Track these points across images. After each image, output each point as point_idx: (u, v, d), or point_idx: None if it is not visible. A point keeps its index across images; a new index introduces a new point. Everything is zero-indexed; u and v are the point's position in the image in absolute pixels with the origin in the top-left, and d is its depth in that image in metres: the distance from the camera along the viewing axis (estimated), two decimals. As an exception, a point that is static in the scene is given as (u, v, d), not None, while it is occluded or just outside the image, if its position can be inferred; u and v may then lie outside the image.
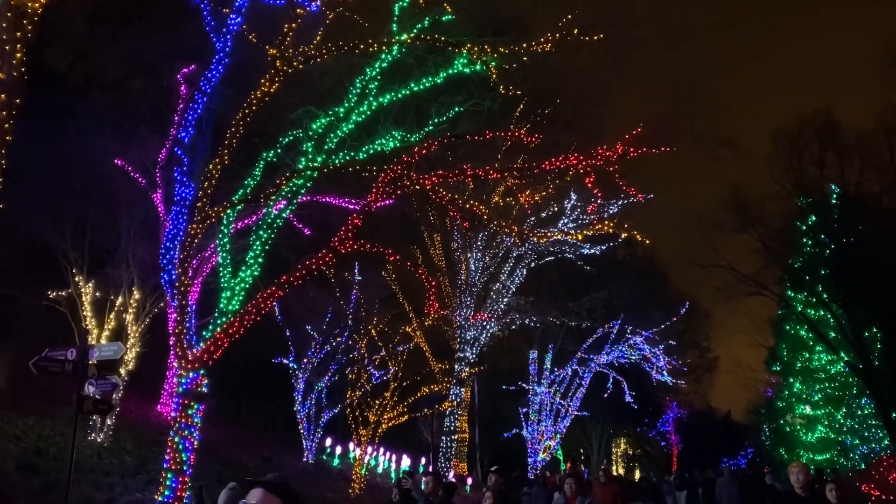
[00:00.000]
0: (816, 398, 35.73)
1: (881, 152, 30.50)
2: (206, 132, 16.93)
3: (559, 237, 22.76)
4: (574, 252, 26.75)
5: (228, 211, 13.40)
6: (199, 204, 13.09)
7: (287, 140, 14.65)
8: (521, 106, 21.14)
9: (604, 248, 27.14)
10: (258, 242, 13.56)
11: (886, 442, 29.62)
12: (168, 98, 17.58)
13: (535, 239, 22.62)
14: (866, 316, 30.00)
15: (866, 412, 32.89)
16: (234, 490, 7.07)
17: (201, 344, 12.63)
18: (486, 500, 6.59)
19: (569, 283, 31.96)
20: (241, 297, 13.20)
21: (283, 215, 14.15)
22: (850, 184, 32.07)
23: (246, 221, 16.99)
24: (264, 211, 14.07)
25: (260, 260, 13.50)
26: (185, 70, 17.15)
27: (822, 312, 32.77)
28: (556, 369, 31.56)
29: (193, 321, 13.75)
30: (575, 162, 14.36)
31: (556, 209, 25.92)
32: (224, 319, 12.72)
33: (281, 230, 14.40)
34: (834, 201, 32.54)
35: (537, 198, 21.49)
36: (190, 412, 12.22)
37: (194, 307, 15.18)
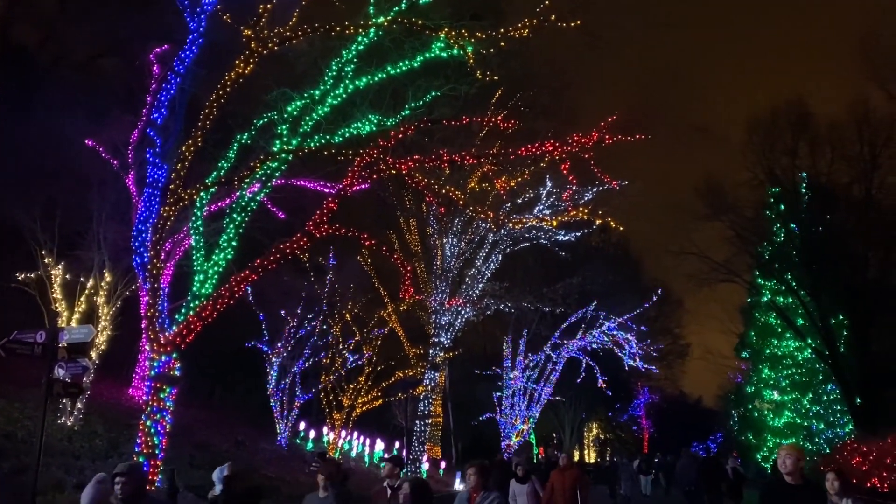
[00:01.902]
0: (784, 384, 36.44)
1: (851, 143, 31.02)
2: (179, 113, 16.68)
3: (534, 223, 22.88)
4: (549, 238, 26.87)
5: (202, 193, 13.29)
6: (171, 186, 12.97)
7: (262, 122, 14.52)
8: (499, 92, 21.13)
9: (578, 234, 27.30)
10: (232, 225, 13.45)
11: (850, 427, 30.32)
12: (140, 78, 17.30)
13: (511, 225, 22.71)
14: (833, 303, 30.59)
15: (832, 398, 33.63)
16: (101, 483, 6.10)
17: (174, 327, 12.55)
18: (469, 476, 6.25)
19: (543, 269, 32.18)
20: (214, 281, 13.12)
21: (258, 198, 14.05)
22: (820, 173, 32.59)
23: (220, 204, 16.84)
24: (238, 194, 13.96)
25: (233, 243, 13.41)
26: (158, 50, 16.87)
27: (791, 300, 33.35)
28: (529, 354, 31.82)
29: (166, 304, 13.64)
30: (551, 148, 14.45)
31: (531, 195, 25.99)
32: (197, 303, 12.64)
33: (255, 213, 14.29)
34: (804, 190, 33.03)
35: (513, 184, 21.55)
36: (162, 396, 12.15)
37: (167, 290, 15.06)
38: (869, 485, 17.32)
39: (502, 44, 13.53)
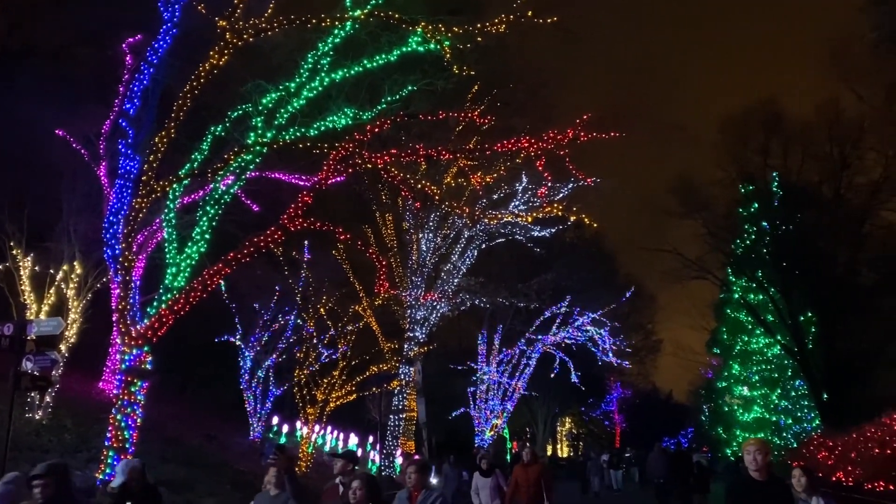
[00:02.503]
0: (754, 379, 37.01)
1: (822, 143, 31.52)
2: (152, 104, 16.50)
3: (510, 219, 22.94)
4: (524, 234, 26.96)
5: (175, 185, 13.15)
6: (144, 177, 12.83)
7: (236, 114, 14.40)
8: (476, 87, 21.15)
9: (553, 230, 27.42)
10: (205, 218, 13.35)
11: (817, 422, 30.90)
12: (113, 68, 17.06)
13: (487, 220, 22.75)
14: (802, 301, 31.11)
15: (799, 393, 34.24)
16: (11, 484, 5.57)
17: (145, 320, 12.42)
18: (409, 474, 5.88)
19: (519, 265, 32.30)
20: (186, 274, 13.01)
21: (231, 191, 13.95)
22: (791, 172, 33.08)
23: (193, 196, 16.68)
24: (212, 186, 13.83)
25: (207, 236, 13.30)
26: (132, 39, 16.65)
27: (762, 297, 33.86)
28: (504, 349, 31.97)
29: (137, 297, 13.51)
30: (527, 145, 14.52)
31: (507, 191, 26.07)
32: (169, 296, 12.53)
33: (229, 206, 14.19)
34: (775, 189, 33.51)
35: (489, 179, 21.61)
36: (133, 389, 12.03)
37: (138, 283, 14.89)
38: (834, 479, 17.66)
39: (479, 39, 13.55)
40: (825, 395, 29.01)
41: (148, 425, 13.48)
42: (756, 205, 33.63)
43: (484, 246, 28.07)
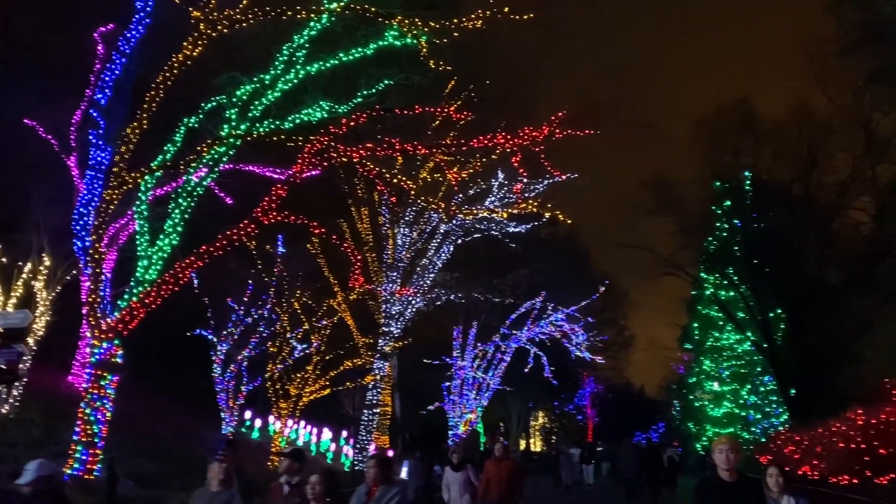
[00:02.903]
0: (724, 375, 37.54)
1: (793, 143, 31.90)
2: (124, 95, 16.23)
3: (485, 214, 23.02)
4: (500, 230, 27.07)
5: (147, 177, 13.02)
6: (115, 169, 12.68)
7: (210, 106, 14.29)
8: (452, 83, 21.15)
9: (529, 226, 27.55)
10: (178, 211, 13.23)
11: (785, 417, 31.43)
12: (84, 58, 16.77)
13: (462, 216, 22.79)
14: (772, 298, 31.55)
15: (768, 388, 34.79)
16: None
17: (116, 313, 12.29)
18: (368, 469, 5.74)
19: (494, 261, 32.41)
20: (158, 267, 12.90)
21: (205, 183, 13.84)
22: (762, 171, 33.49)
23: (165, 188, 16.48)
24: (185, 178, 13.72)
25: (179, 229, 13.20)
26: (104, 29, 16.38)
27: (732, 294, 34.29)
28: (479, 344, 32.06)
29: (108, 290, 13.35)
30: (502, 141, 14.56)
31: (483, 187, 26.15)
32: (141, 289, 12.42)
33: (202, 199, 14.08)
34: (747, 188, 33.92)
35: (465, 175, 21.61)
36: (103, 383, 11.91)
37: (109, 276, 14.72)
38: (800, 473, 18.00)
39: (456, 34, 13.55)
40: (793, 391, 29.48)
41: (118, 420, 13.34)
42: (728, 203, 34.03)
43: (460, 241, 28.12)
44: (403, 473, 15.90)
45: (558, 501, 23.06)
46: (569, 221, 17.99)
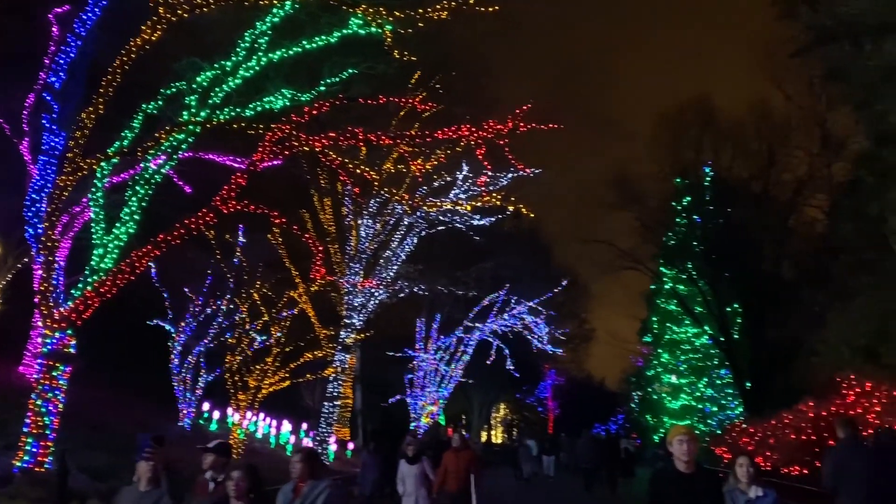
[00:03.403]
0: (682, 368, 38.20)
1: (752, 140, 32.56)
2: (79, 78, 15.83)
3: (450, 207, 22.98)
4: (464, 223, 27.09)
5: (103, 164, 12.70)
6: (69, 154, 12.35)
7: (169, 92, 13.98)
8: (417, 73, 21.05)
9: (493, 219, 27.63)
10: (134, 198, 12.95)
11: (740, 409, 32.11)
12: (38, 39, 16.28)
13: (426, 208, 22.72)
14: (729, 292, 32.19)
15: (724, 381, 35.51)
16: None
17: (69, 302, 12.00)
18: (294, 463, 5.40)
19: (458, 254, 32.49)
20: (114, 255, 12.62)
21: (163, 171, 13.56)
22: (722, 168, 34.10)
23: (122, 176, 16.11)
24: (142, 165, 13.42)
25: (136, 217, 12.92)
26: (59, 10, 15.92)
27: (691, 288, 34.88)
28: (442, 337, 32.13)
29: (61, 278, 13.05)
30: (467, 133, 14.51)
31: (448, 179, 26.12)
32: (95, 278, 12.13)
33: (160, 186, 13.79)
34: (707, 184, 34.50)
35: (429, 166, 21.57)
36: (55, 374, 11.63)
37: (63, 264, 14.37)
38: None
39: (420, 24, 13.46)
40: (748, 384, 30.14)
41: (71, 411, 13.03)
42: (688, 199, 34.57)
43: (424, 233, 28.08)
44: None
45: (519, 494, 23.23)
46: (532, 215, 18.03)
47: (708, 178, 34.55)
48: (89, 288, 11.88)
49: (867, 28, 8.77)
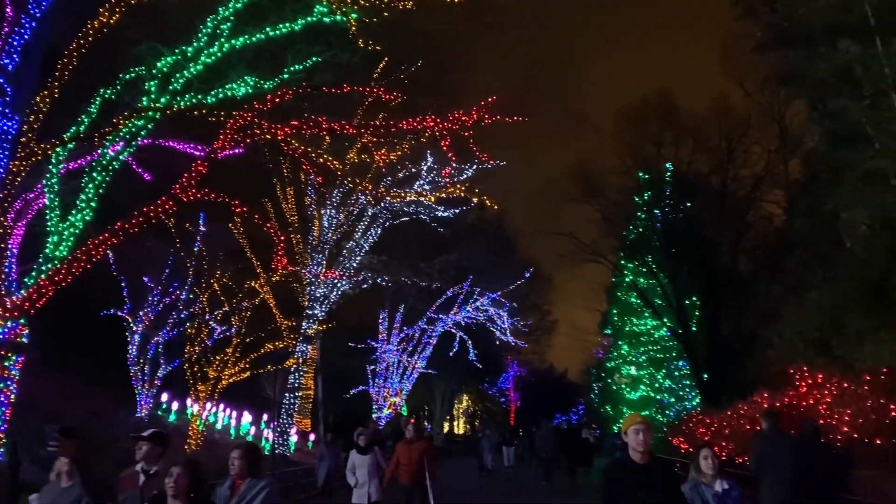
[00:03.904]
0: (641, 360, 38.74)
1: (711, 135, 33.06)
2: (34, 61, 15.34)
3: (414, 198, 22.98)
4: (428, 214, 27.12)
5: (58, 149, 12.39)
6: (23, 139, 12.02)
7: (128, 77, 13.68)
8: (383, 63, 20.94)
9: (457, 211, 27.71)
10: (91, 185, 12.67)
11: (697, 400, 32.70)
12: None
13: (390, 198, 22.68)
14: (688, 286, 32.73)
15: (682, 373, 36.12)
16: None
17: (23, 291, 11.70)
18: (232, 460, 5.08)
19: (422, 245, 32.52)
20: (70, 243, 12.34)
21: (121, 157, 13.27)
22: (683, 163, 34.58)
23: (79, 162, 15.72)
24: (99, 151, 13.12)
25: (93, 204, 12.65)
26: (12, -11, 15.43)
27: (651, 281, 35.37)
28: (405, 328, 32.15)
29: (14, 266, 12.69)
30: (432, 124, 14.50)
31: (413, 170, 26.09)
32: (50, 266, 11.86)
33: (118, 173, 13.51)
34: (668, 178, 34.96)
35: (393, 157, 21.51)
36: (6, 364, 11.35)
37: (16, 251, 13.97)
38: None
39: (386, 14, 13.39)
40: (705, 376, 30.72)
41: (25, 402, 12.75)
42: (649, 193, 35.00)
43: (388, 224, 28.02)
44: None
45: (479, 484, 23.38)
46: (496, 207, 18.17)
47: (668, 173, 35.03)
48: (43, 276, 11.62)
49: (821, 30, 8.99)
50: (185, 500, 4.43)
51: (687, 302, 32.97)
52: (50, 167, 12.56)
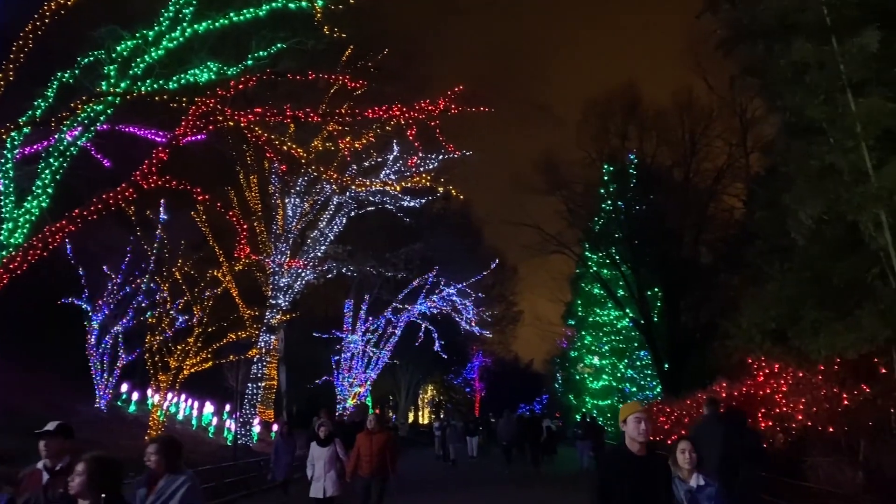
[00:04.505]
0: (604, 350, 39.25)
1: (674, 129, 33.52)
2: (-13, 42, 14.95)
3: (379, 187, 22.90)
4: (394, 203, 27.02)
5: (13, 133, 12.06)
6: (-25, 123, 11.68)
7: (87, 61, 13.35)
8: (349, 51, 20.77)
9: (423, 201, 27.66)
10: (48, 171, 12.38)
11: (658, 389, 33.26)
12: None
13: (356, 188, 22.55)
14: (650, 277, 33.22)
15: (644, 363, 36.71)
16: None
17: (-25, 280, 11.40)
18: (149, 455, 4.71)
19: (387, 235, 32.43)
20: (25, 230, 12.05)
21: (79, 143, 12.98)
22: (647, 155, 35.02)
23: (34, 147, 15.34)
24: (57, 137, 12.81)
25: (49, 190, 12.36)
26: (-37, -32, 14.94)
27: (614, 272, 35.80)
28: (370, 318, 32.05)
29: (-34, 254, 12.35)
30: (398, 113, 14.46)
31: (378, 160, 25.96)
32: (4, 253, 11.57)
33: (76, 159, 13.21)
34: (632, 171, 35.36)
35: (358, 145, 21.35)
36: (-41, 354, 11.06)
37: (-32, 238, 13.59)
38: (670, 441, 19.10)
39: (351, 1, 13.26)
40: (666, 365, 31.23)
41: (-23, 393, 12.46)
42: (614, 185, 35.35)
43: (353, 214, 27.86)
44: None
45: (444, 473, 23.46)
46: (461, 197, 18.21)
47: (633, 166, 35.41)
48: (-3, 264, 11.33)
49: (779, 27, 9.17)
50: (95, 499, 4.01)
51: (649, 293, 33.46)
52: (5, 152, 12.24)
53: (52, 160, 12.46)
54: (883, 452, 10.97)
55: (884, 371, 10.86)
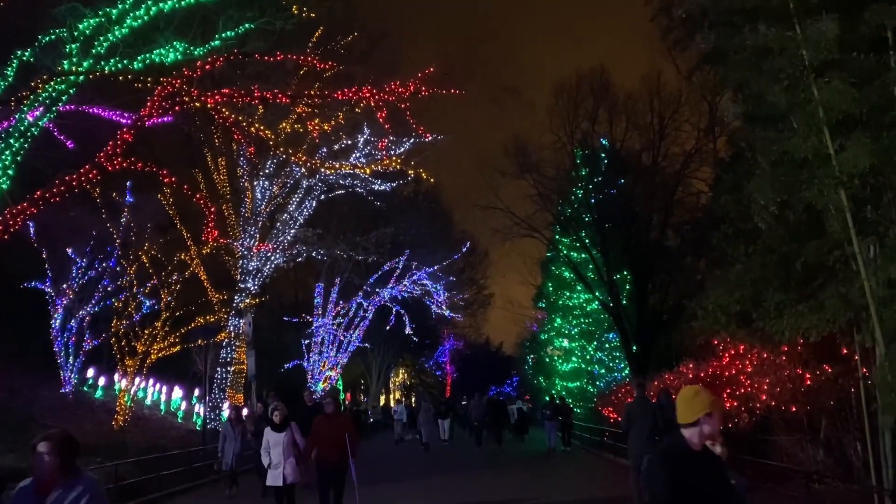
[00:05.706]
0: (574, 332, 39.60)
1: (644, 113, 33.66)
2: (-57, 19, 14.51)
3: (349, 170, 22.78)
4: (364, 187, 26.87)
5: (-29, 113, 11.78)
6: (-68, 102, 11.37)
7: (48, 39, 13.03)
8: (318, 32, 20.53)
9: (393, 184, 27.56)
10: (8, 152, 12.11)
11: (627, 371, 33.71)
12: None
13: (325, 170, 22.38)
14: (619, 260, 33.53)
15: (613, 345, 37.13)
16: None
17: (-67, 263, 11.15)
18: (41, 455, 3.81)
19: (358, 218, 32.28)
20: (-15, 213, 11.77)
21: (41, 123, 12.70)
22: (616, 140, 35.15)
23: (-6, 127, 15.00)
24: (17, 117, 12.52)
25: (10, 172, 12.11)
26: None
27: (584, 256, 36.07)
28: (341, 302, 31.96)
29: (-76, 237, 12.06)
30: (368, 95, 14.39)
31: (348, 143, 25.76)
32: (-37, 236, 11.30)
33: (37, 140, 12.94)
34: (603, 155, 35.54)
35: (327, 127, 21.15)
36: (-83, 339, 10.82)
37: (-74, 221, 13.25)
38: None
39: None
40: (634, 347, 31.64)
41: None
42: (585, 169, 35.50)
43: (323, 197, 27.67)
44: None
45: (416, 458, 23.57)
46: (432, 180, 18.22)
47: (603, 150, 35.58)
48: (-43, 247, 11.08)
49: (743, 12, 9.24)
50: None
51: (618, 276, 33.78)
52: (-38, 132, 11.95)
53: (12, 141, 12.19)
54: (843, 431, 11.29)
55: (845, 352, 11.13)
